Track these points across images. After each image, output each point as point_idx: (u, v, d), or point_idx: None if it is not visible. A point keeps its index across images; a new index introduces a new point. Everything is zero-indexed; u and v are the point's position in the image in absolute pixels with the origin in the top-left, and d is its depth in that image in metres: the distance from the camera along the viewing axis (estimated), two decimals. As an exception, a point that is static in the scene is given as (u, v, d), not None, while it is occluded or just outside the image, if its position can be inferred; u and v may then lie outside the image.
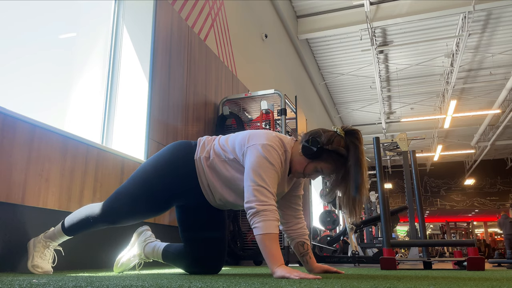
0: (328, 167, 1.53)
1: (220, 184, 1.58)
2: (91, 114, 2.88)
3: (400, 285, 1.08)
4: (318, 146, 1.49)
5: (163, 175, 1.58)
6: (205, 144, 1.63)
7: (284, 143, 1.56)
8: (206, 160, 1.59)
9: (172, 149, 1.65)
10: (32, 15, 2.52)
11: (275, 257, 1.32)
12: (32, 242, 1.70)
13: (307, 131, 1.64)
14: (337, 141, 1.51)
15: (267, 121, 3.84)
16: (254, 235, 1.37)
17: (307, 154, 1.51)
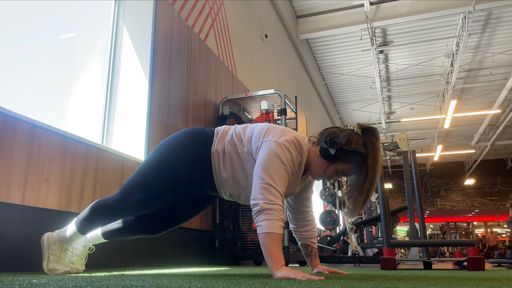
0: (349, 167, 1.50)
1: (232, 181, 1.55)
2: (91, 114, 2.88)
3: (400, 285, 1.08)
4: (337, 147, 1.46)
5: (178, 162, 1.53)
6: (223, 135, 1.58)
7: (301, 144, 1.52)
8: (223, 154, 1.54)
9: (188, 137, 1.58)
10: (32, 15, 2.52)
11: (276, 258, 1.30)
12: (46, 240, 1.62)
13: (322, 130, 1.59)
14: (355, 140, 1.47)
15: (267, 121, 3.84)
16: (257, 233, 1.35)
17: (326, 156, 1.48)
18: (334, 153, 1.46)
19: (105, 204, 1.57)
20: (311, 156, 1.53)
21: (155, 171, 1.53)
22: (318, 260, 1.79)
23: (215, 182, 1.57)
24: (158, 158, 1.55)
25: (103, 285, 0.93)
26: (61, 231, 1.66)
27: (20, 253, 1.80)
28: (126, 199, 1.53)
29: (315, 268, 1.76)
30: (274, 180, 1.39)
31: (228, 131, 1.59)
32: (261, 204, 1.34)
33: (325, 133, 1.54)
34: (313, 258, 1.78)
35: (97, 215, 1.58)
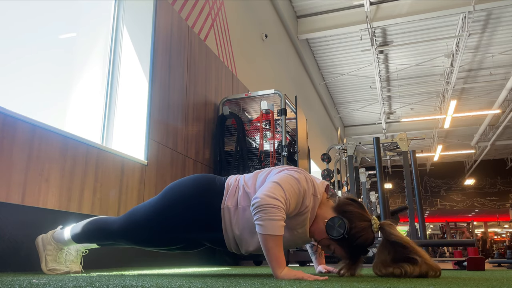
0: (342, 254, 1.44)
1: (248, 234, 1.45)
2: (91, 114, 2.88)
3: (400, 285, 1.08)
4: (343, 234, 1.36)
5: (183, 214, 1.46)
6: (233, 190, 1.48)
7: (314, 186, 1.44)
8: (235, 210, 1.45)
9: (197, 187, 1.49)
10: (32, 15, 2.52)
11: (278, 260, 1.29)
12: (41, 241, 1.61)
13: (346, 197, 1.47)
14: (365, 238, 1.39)
15: (267, 121, 3.84)
16: (257, 231, 1.30)
17: (328, 233, 1.39)
18: (336, 237, 1.38)
19: (105, 228, 1.55)
20: (320, 213, 1.45)
21: (159, 220, 1.47)
22: (323, 259, 1.80)
23: (224, 239, 1.50)
24: (167, 202, 1.48)
25: (103, 285, 0.93)
26: (55, 231, 1.65)
27: (20, 253, 1.80)
28: (127, 235, 1.52)
29: (319, 266, 1.77)
30: (284, 184, 1.35)
31: (238, 185, 1.50)
32: (262, 197, 1.30)
33: (346, 207, 1.43)
34: (318, 256, 1.79)
35: (94, 235, 1.57)
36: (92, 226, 1.57)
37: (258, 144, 3.90)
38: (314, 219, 1.46)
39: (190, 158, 3.45)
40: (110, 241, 1.57)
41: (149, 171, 2.86)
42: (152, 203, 1.52)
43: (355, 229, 1.38)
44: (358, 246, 1.39)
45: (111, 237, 1.55)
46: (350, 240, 1.38)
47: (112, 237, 1.54)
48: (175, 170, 3.20)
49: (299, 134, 3.90)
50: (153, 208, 1.50)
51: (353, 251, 1.42)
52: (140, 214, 1.51)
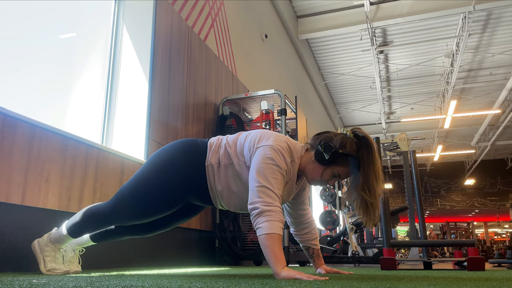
0: (345, 170, 1.51)
1: (227, 192, 1.54)
2: (91, 114, 2.88)
3: (400, 285, 1.08)
4: (332, 151, 1.47)
5: (170, 178, 1.52)
6: (216, 148, 1.56)
7: (292, 152, 1.52)
8: (217, 167, 1.53)
9: (180, 150, 1.57)
10: (32, 15, 2.52)
11: (278, 259, 1.30)
12: (37, 245, 1.62)
13: (315, 134, 1.59)
14: (349, 144, 1.49)
15: (267, 121, 3.84)
16: (257, 235, 1.34)
17: (321, 160, 1.49)
18: (329, 157, 1.47)
19: (97, 212, 1.58)
20: (306, 162, 1.54)
21: (147, 186, 1.52)
22: (321, 260, 1.80)
23: (210, 195, 1.57)
24: (150, 172, 1.54)
25: (103, 285, 0.93)
26: (51, 233, 1.66)
27: (20, 253, 1.80)
28: (118, 212, 1.54)
29: (319, 268, 1.76)
30: (270, 182, 1.39)
31: (220, 143, 1.58)
32: (260, 206, 1.34)
33: (319, 137, 1.55)
34: (316, 259, 1.79)
35: (88, 222, 1.59)
36: (85, 214, 1.60)
37: (258, 144, 3.90)
38: (304, 170, 1.55)
39: (190, 158, 3.45)
40: (106, 224, 1.58)
41: (149, 171, 2.86)
42: (138, 175, 1.56)
43: (336, 142, 1.49)
44: (350, 154, 1.48)
45: (105, 219, 1.56)
46: (341, 154, 1.48)
47: (107, 219, 1.56)
48: (175, 170, 3.20)
49: (299, 134, 3.90)
50: (141, 178, 1.54)
51: (351, 161, 1.49)
52: (129, 187, 1.55)
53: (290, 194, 1.59)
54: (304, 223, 1.76)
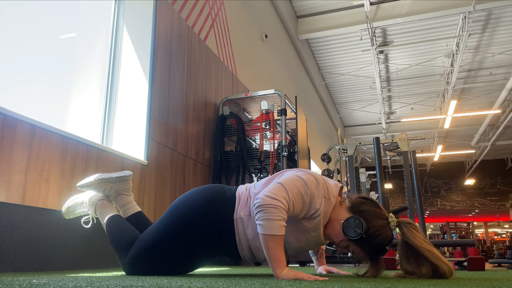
0: (362, 255, 1.41)
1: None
2: (91, 114, 2.88)
3: (400, 285, 1.08)
4: (361, 234, 1.35)
5: (196, 226, 1.44)
6: (245, 199, 1.46)
7: (328, 188, 1.42)
8: (248, 219, 1.42)
9: (208, 199, 1.47)
10: (32, 15, 2.52)
11: (278, 260, 1.29)
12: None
13: (363, 197, 1.45)
14: (383, 237, 1.37)
15: (267, 121, 3.84)
16: (258, 231, 1.30)
17: (346, 234, 1.37)
18: (354, 237, 1.36)
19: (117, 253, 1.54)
20: (335, 218, 1.43)
21: (170, 240, 1.45)
22: (323, 260, 1.80)
23: (238, 249, 1.48)
24: (175, 221, 1.46)
25: (103, 285, 0.93)
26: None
27: (20, 253, 1.80)
28: (142, 261, 1.48)
29: (319, 267, 1.76)
30: (288, 185, 1.34)
31: (249, 193, 1.48)
32: (263, 198, 1.30)
33: (363, 206, 1.42)
34: (319, 257, 1.79)
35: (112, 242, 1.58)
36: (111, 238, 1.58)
37: (258, 144, 3.90)
38: (329, 222, 1.44)
39: (190, 158, 3.45)
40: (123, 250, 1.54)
41: (149, 171, 2.86)
42: (161, 223, 1.49)
43: (373, 228, 1.36)
44: (377, 245, 1.37)
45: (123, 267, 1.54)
46: (369, 240, 1.36)
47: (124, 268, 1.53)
48: (175, 170, 3.20)
49: (299, 134, 3.90)
50: (163, 227, 1.48)
51: (373, 251, 1.40)
52: (150, 236, 1.48)
53: (310, 244, 1.49)
54: None
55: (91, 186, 1.73)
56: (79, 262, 2.13)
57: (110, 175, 1.73)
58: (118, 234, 1.56)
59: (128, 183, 1.76)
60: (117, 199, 1.75)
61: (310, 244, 1.48)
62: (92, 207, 1.71)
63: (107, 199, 1.74)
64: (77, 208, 1.78)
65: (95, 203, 1.71)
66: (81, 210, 1.78)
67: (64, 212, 1.80)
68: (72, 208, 1.79)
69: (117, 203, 1.75)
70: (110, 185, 1.73)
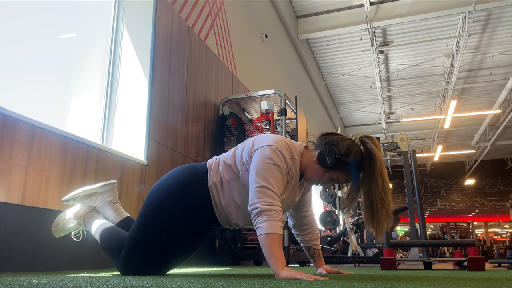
0: (344, 177, 1.49)
1: (234, 207, 1.50)
2: (91, 114, 2.88)
3: (400, 285, 1.08)
4: (336, 157, 1.44)
5: (174, 209, 1.49)
6: (215, 167, 1.54)
7: (291, 149, 1.50)
8: (221, 185, 1.50)
9: (180, 177, 1.55)
10: (32, 15, 2.52)
11: (278, 259, 1.30)
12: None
13: (322, 134, 1.56)
14: (354, 152, 1.46)
15: (267, 121, 3.84)
16: (257, 235, 1.33)
17: (323, 163, 1.46)
18: (331, 162, 1.45)
19: (111, 254, 1.57)
20: (307, 161, 1.52)
21: (152, 228, 1.49)
22: (322, 260, 1.80)
23: (216, 216, 1.53)
24: (153, 210, 1.51)
25: (103, 285, 0.93)
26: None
27: (20, 253, 1.80)
28: (130, 261, 1.52)
29: (319, 268, 1.76)
30: (269, 182, 1.38)
31: (219, 161, 1.56)
32: (260, 206, 1.34)
33: (326, 139, 1.52)
34: (317, 259, 1.79)
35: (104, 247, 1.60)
36: (102, 241, 1.60)
37: (258, 144, 3.90)
38: (304, 168, 1.53)
39: (190, 158, 3.45)
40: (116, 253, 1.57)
41: (149, 171, 2.86)
42: (139, 217, 1.53)
43: (343, 148, 1.46)
44: (353, 161, 1.46)
45: (117, 267, 1.56)
46: (344, 160, 1.46)
47: (119, 268, 1.56)
48: (175, 170, 3.20)
49: (299, 134, 3.90)
50: (142, 219, 1.51)
51: (352, 169, 1.47)
52: (134, 232, 1.52)
53: (295, 194, 1.57)
54: (306, 223, 1.76)
55: (77, 198, 1.76)
56: (79, 262, 2.13)
57: (95, 185, 1.76)
58: (110, 239, 1.58)
59: (113, 191, 1.79)
60: (104, 209, 1.76)
61: (296, 194, 1.56)
62: (80, 219, 1.74)
63: (94, 210, 1.76)
64: (66, 225, 1.78)
65: (83, 215, 1.74)
66: (70, 226, 1.77)
67: (54, 231, 1.79)
68: (61, 226, 1.78)
69: (105, 212, 1.76)
70: (96, 195, 1.76)
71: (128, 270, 1.53)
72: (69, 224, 1.77)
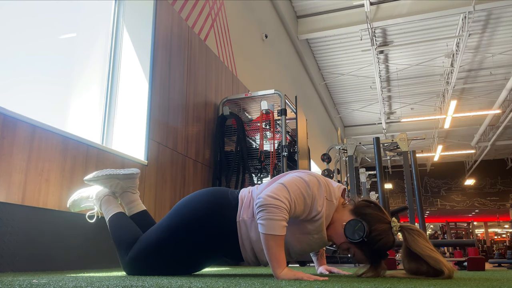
0: (362, 258, 1.41)
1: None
2: (91, 114, 2.88)
3: (400, 285, 1.08)
4: (363, 237, 1.34)
5: (198, 231, 1.45)
6: (247, 202, 1.46)
7: (330, 190, 1.42)
8: (251, 222, 1.42)
9: (211, 202, 1.48)
10: (32, 15, 2.52)
11: (278, 260, 1.29)
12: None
13: (368, 200, 1.45)
14: (385, 241, 1.36)
15: (267, 121, 3.84)
16: (259, 231, 1.30)
17: (347, 236, 1.37)
18: (355, 239, 1.36)
19: (119, 251, 1.55)
20: (337, 219, 1.43)
21: (173, 240, 1.46)
22: (324, 260, 1.80)
23: (241, 252, 1.48)
24: (178, 223, 1.47)
25: (103, 285, 0.93)
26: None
27: (20, 253, 1.80)
28: (139, 262, 1.50)
29: (320, 267, 1.76)
30: (290, 185, 1.34)
31: (252, 195, 1.48)
32: (265, 197, 1.30)
33: (365, 209, 1.41)
34: (320, 258, 1.78)
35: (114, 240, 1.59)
36: (114, 237, 1.58)
37: (258, 144, 3.90)
38: (331, 223, 1.44)
39: (190, 158, 3.45)
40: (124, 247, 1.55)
41: (149, 171, 2.86)
42: (163, 224, 1.50)
43: (375, 231, 1.35)
44: (378, 249, 1.37)
45: (123, 266, 1.54)
46: (370, 243, 1.36)
47: (124, 268, 1.54)
48: (175, 170, 3.20)
49: (299, 134, 3.90)
50: (166, 228, 1.48)
51: (373, 255, 1.39)
52: (153, 237, 1.49)
53: (314, 246, 1.48)
54: None
55: (98, 181, 1.74)
56: (79, 262, 2.13)
57: (118, 171, 1.73)
58: (121, 232, 1.56)
59: (135, 181, 1.77)
60: (122, 196, 1.75)
61: (312, 246, 1.48)
62: (98, 202, 1.72)
63: (113, 195, 1.75)
64: (83, 202, 1.79)
65: (101, 198, 1.72)
66: (86, 204, 1.78)
67: (70, 205, 1.81)
68: (78, 202, 1.80)
69: (123, 200, 1.75)
70: (117, 182, 1.74)
71: (134, 270, 1.51)
72: (86, 203, 1.78)
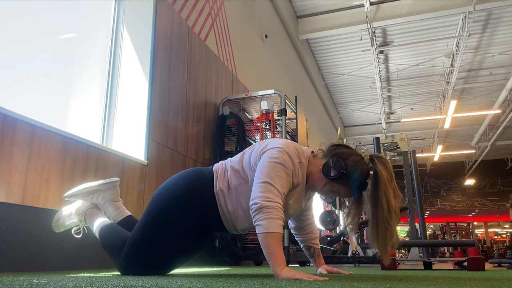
0: (346, 192, 1.49)
1: (243, 214, 1.48)
2: (91, 114, 2.88)
3: (400, 285, 1.08)
4: (340, 170, 1.43)
5: (178, 213, 1.47)
6: (222, 172, 1.52)
7: (299, 153, 1.49)
8: (228, 191, 1.49)
9: (185, 181, 1.53)
10: (32, 15, 2.52)
11: (279, 259, 1.29)
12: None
13: (333, 144, 1.54)
14: (360, 170, 1.44)
15: (267, 121, 3.84)
16: (257, 233, 1.32)
17: (327, 174, 1.46)
18: (335, 174, 1.44)
19: (111, 253, 1.56)
20: (313, 168, 1.51)
21: (155, 231, 1.47)
22: (322, 260, 1.80)
23: (223, 222, 1.52)
24: (158, 212, 1.49)
25: (103, 285, 0.93)
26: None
27: (20, 253, 1.80)
28: (131, 261, 1.50)
29: (319, 268, 1.76)
30: (273, 179, 1.37)
31: (226, 167, 1.54)
32: (260, 202, 1.33)
33: (335, 150, 1.51)
34: (317, 258, 1.79)
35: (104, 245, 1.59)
36: (102, 240, 1.59)
37: (258, 144, 3.90)
38: (309, 175, 1.52)
39: (190, 158, 3.45)
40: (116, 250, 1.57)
41: (149, 171, 2.86)
42: (144, 217, 1.52)
43: (350, 163, 1.45)
44: (358, 179, 1.44)
45: (117, 266, 1.55)
46: (349, 175, 1.45)
47: (119, 267, 1.55)
48: (175, 170, 3.20)
49: (299, 134, 3.90)
50: (147, 219, 1.50)
51: (354, 186, 1.46)
52: (136, 232, 1.51)
53: (302, 200, 1.55)
54: (305, 224, 1.76)
55: (79, 195, 1.75)
56: (79, 262, 2.13)
57: (97, 182, 1.75)
58: (110, 237, 1.57)
59: (116, 189, 1.78)
60: (105, 206, 1.76)
61: (300, 203, 1.55)
62: (81, 216, 1.74)
63: (95, 207, 1.76)
64: (66, 220, 1.78)
65: (84, 212, 1.74)
66: (70, 222, 1.78)
67: (54, 226, 1.80)
68: (61, 221, 1.79)
69: (107, 210, 1.76)
70: (98, 193, 1.75)
71: (128, 270, 1.52)
72: (70, 220, 1.77)
